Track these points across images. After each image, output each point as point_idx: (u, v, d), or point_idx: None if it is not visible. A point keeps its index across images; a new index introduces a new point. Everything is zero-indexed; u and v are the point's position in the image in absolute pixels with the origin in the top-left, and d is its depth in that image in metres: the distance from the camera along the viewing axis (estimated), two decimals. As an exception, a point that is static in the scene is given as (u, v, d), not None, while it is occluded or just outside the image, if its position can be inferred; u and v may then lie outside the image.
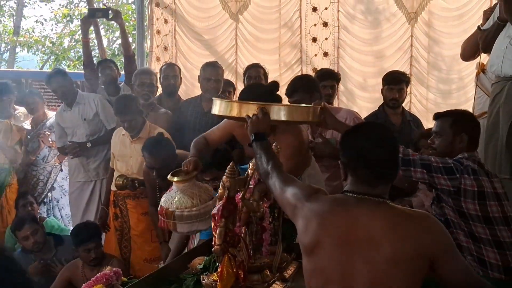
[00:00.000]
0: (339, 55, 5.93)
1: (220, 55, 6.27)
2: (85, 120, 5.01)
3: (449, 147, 2.93)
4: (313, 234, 2.03)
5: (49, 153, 5.66)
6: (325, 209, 2.05)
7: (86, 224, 4.30)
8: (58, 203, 5.81)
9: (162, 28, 6.55)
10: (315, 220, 2.03)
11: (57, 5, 16.90)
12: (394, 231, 1.95)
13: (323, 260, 2.01)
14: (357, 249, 1.96)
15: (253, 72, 4.97)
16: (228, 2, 6.26)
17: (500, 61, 3.66)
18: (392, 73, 4.86)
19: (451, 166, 2.77)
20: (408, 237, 1.95)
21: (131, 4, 14.06)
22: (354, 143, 2.10)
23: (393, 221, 1.98)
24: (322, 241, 2.01)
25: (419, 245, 1.95)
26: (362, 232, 1.96)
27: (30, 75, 9.43)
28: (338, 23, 5.94)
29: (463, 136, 2.92)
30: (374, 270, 1.95)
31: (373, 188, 2.04)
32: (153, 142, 3.85)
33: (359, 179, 2.07)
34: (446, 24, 5.69)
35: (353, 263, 1.96)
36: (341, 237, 1.99)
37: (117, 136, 4.47)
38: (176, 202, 2.97)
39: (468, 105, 5.22)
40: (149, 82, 4.76)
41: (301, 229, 2.10)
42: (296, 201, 2.14)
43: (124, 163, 4.38)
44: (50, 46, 15.88)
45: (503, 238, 2.76)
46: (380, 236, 1.95)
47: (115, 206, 4.45)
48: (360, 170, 2.06)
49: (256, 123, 2.62)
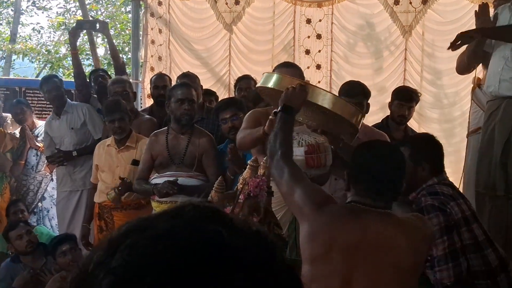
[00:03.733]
0: (332, 68, 5.94)
1: (214, 66, 6.28)
2: (73, 129, 5.00)
3: (412, 179, 2.76)
4: (322, 245, 2.10)
5: (39, 162, 5.63)
6: (335, 220, 2.13)
7: (66, 235, 4.29)
8: (48, 213, 5.77)
9: (156, 38, 6.55)
10: (325, 232, 2.11)
11: (54, 13, 16.84)
12: (399, 240, 2.08)
13: (327, 267, 2.08)
14: (363, 255, 2.06)
15: (244, 84, 4.96)
16: (222, 13, 6.27)
17: (497, 82, 3.67)
18: (405, 89, 4.76)
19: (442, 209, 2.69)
20: (411, 247, 2.08)
21: (128, 14, 14.09)
22: (361, 158, 2.21)
23: (399, 231, 2.10)
24: (330, 250, 2.08)
25: (419, 253, 2.12)
26: (371, 240, 2.06)
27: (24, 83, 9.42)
28: (331, 35, 5.95)
29: (424, 165, 2.83)
30: (377, 275, 2.05)
31: (374, 201, 2.13)
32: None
33: (359, 192, 2.16)
34: (440, 38, 5.70)
35: (357, 268, 2.05)
36: (349, 245, 2.07)
37: (101, 148, 4.43)
38: (316, 137, 2.95)
39: (463, 119, 5.22)
40: (122, 90, 4.74)
41: (307, 236, 2.15)
42: (305, 206, 2.17)
43: (110, 173, 4.34)
44: (46, 54, 15.87)
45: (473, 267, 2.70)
46: (387, 244, 2.07)
47: (99, 219, 4.39)
48: (361, 184, 2.16)
49: (291, 95, 2.56)
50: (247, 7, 6.17)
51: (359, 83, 4.03)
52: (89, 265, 0.68)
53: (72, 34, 5.51)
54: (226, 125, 3.85)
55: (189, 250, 0.65)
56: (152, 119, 4.77)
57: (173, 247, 0.65)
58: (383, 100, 5.38)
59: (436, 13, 5.73)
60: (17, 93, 7.41)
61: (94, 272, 0.66)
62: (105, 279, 0.64)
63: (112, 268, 0.65)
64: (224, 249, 0.66)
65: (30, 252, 4.41)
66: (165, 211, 0.73)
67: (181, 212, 0.71)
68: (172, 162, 3.86)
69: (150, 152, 3.94)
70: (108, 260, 0.66)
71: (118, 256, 0.65)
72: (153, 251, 0.65)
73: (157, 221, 0.70)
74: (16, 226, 4.47)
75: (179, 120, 3.86)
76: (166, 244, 0.66)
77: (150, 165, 3.96)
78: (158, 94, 5.06)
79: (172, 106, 3.87)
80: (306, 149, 2.92)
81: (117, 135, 4.27)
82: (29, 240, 4.40)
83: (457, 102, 5.69)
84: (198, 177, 3.84)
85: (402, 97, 4.52)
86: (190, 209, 0.72)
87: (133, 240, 0.67)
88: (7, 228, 4.55)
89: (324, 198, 2.21)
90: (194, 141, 3.88)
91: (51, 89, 5.03)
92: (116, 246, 0.67)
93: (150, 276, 0.63)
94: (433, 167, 2.85)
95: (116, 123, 4.20)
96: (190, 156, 3.84)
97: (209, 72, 6.36)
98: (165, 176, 3.79)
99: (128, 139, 4.29)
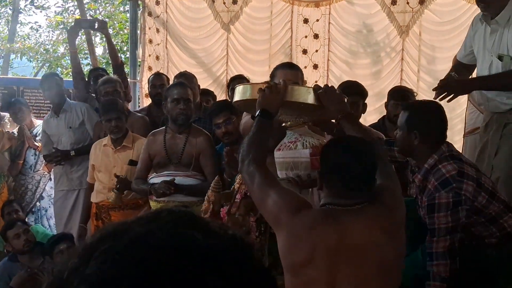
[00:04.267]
0: (329, 68, 5.95)
1: (211, 65, 6.28)
2: (71, 128, 5.00)
3: (405, 142, 2.80)
4: (303, 251, 2.03)
5: (37, 161, 5.63)
6: (313, 225, 2.04)
7: (64, 234, 4.29)
8: (46, 213, 5.76)
9: (154, 37, 6.55)
10: (305, 238, 2.03)
11: (52, 13, 16.82)
12: (379, 238, 2.04)
13: (310, 273, 2.02)
14: (345, 259, 2.01)
15: (237, 84, 4.96)
16: (220, 12, 6.27)
17: (486, 101, 3.68)
18: (400, 89, 4.75)
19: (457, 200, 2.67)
20: (391, 240, 2.06)
21: (126, 13, 14.07)
22: (332, 156, 2.15)
23: (377, 227, 2.06)
24: (311, 257, 2.01)
25: (400, 240, 2.09)
26: (350, 242, 2.00)
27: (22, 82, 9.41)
28: (329, 35, 5.96)
29: (416, 133, 2.78)
30: (360, 277, 2.01)
31: (347, 199, 2.08)
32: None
33: (332, 191, 2.11)
34: (437, 38, 5.71)
35: (340, 270, 2.00)
36: (330, 249, 2.01)
37: (97, 148, 4.43)
38: (319, 138, 2.96)
39: (460, 120, 5.23)
40: (113, 90, 4.74)
41: (286, 245, 2.07)
42: (280, 213, 2.09)
43: (107, 173, 4.35)
44: (44, 53, 15.86)
45: None
46: (367, 244, 2.02)
47: (97, 219, 4.39)
48: (334, 183, 2.10)
49: (262, 98, 2.47)
50: (244, 6, 6.18)
51: (356, 83, 4.06)
52: (64, 272, 0.67)
53: (71, 33, 5.51)
54: (220, 130, 3.83)
55: (163, 254, 0.64)
56: (144, 117, 4.78)
57: (147, 252, 0.64)
58: (380, 100, 5.39)
59: (433, 13, 5.73)
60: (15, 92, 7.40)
61: (68, 279, 0.66)
62: (80, 286, 0.64)
63: (86, 275, 0.64)
64: (198, 251, 0.65)
65: (27, 251, 4.41)
66: (141, 216, 0.73)
67: (156, 217, 0.71)
68: (170, 161, 3.87)
69: (148, 151, 3.96)
70: (82, 268, 0.65)
71: (92, 263, 0.65)
72: (127, 256, 0.64)
73: (132, 226, 0.70)
74: (14, 225, 4.47)
75: (175, 120, 3.87)
76: (140, 249, 0.65)
77: (148, 165, 3.98)
78: (155, 93, 5.07)
79: (168, 106, 3.88)
80: (311, 151, 2.91)
81: (113, 134, 4.27)
82: (27, 239, 4.40)
83: (453, 103, 5.68)
84: (196, 176, 3.85)
85: (398, 97, 4.51)
86: (166, 214, 0.72)
87: (107, 246, 0.66)
88: (5, 227, 4.56)
89: (300, 202, 2.13)
90: (192, 140, 3.89)
91: (51, 87, 5.04)
92: (90, 252, 0.67)
93: (125, 283, 0.62)
94: (426, 138, 2.77)
95: (113, 122, 4.21)
96: (187, 156, 3.85)
97: (206, 71, 6.37)
98: (163, 176, 3.80)
99: (125, 139, 4.30)
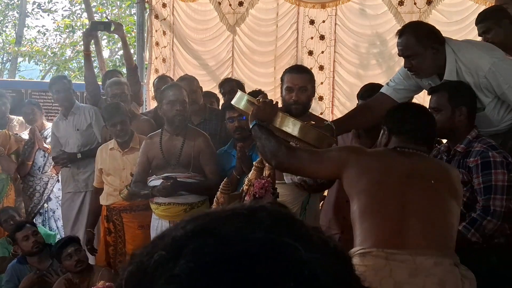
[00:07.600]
0: (335, 69, 5.94)
1: (217, 67, 6.29)
2: (78, 130, 5.01)
3: (449, 121, 2.89)
4: (376, 174, 2.31)
5: (45, 163, 5.65)
6: (385, 156, 2.40)
7: (70, 237, 4.29)
8: (54, 214, 5.78)
9: (160, 40, 6.57)
10: (377, 165, 2.33)
11: (59, 16, 16.89)
12: (449, 172, 2.42)
13: (382, 193, 2.28)
14: (417, 182, 2.28)
15: (227, 87, 4.98)
16: (226, 14, 6.27)
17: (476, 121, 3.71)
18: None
19: None
20: (458, 179, 2.45)
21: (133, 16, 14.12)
22: (402, 114, 2.51)
23: (443, 168, 2.47)
24: (383, 180, 2.29)
25: (459, 188, 2.41)
26: (423, 171, 2.32)
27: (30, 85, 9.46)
28: (335, 36, 5.95)
29: (462, 108, 2.89)
30: (432, 200, 2.28)
31: (417, 145, 2.39)
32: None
33: (403, 139, 2.40)
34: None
35: (411, 193, 2.26)
36: (402, 175, 2.29)
37: (104, 152, 4.43)
38: None
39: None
40: (120, 92, 4.75)
41: (356, 173, 2.32)
42: (348, 155, 2.37)
43: (117, 177, 4.36)
44: (52, 56, 15.93)
45: None
46: (439, 174, 2.36)
47: (108, 221, 4.38)
48: (404, 134, 2.41)
49: (256, 112, 2.57)
50: (250, 8, 6.18)
51: (377, 84, 4.01)
52: (148, 263, 0.63)
53: (87, 35, 5.51)
54: (232, 124, 3.78)
55: (263, 264, 0.59)
56: (149, 120, 4.77)
57: (244, 258, 0.60)
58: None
59: (440, 13, 5.71)
60: (23, 95, 7.44)
61: (154, 273, 0.62)
62: (167, 285, 0.60)
63: (175, 275, 0.60)
64: (302, 267, 0.60)
65: (36, 253, 4.43)
66: (234, 211, 0.67)
67: (253, 217, 0.65)
68: (167, 163, 3.88)
69: (146, 154, 3.99)
70: (171, 264, 0.61)
71: (182, 262, 0.61)
72: (221, 260, 0.60)
73: (226, 222, 0.64)
74: (23, 227, 4.48)
75: (172, 122, 3.86)
76: (236, 254, 0.60)
77: (147, 168, 4.02)
78: None
79: (164, 108, 3.88)
80: None
81: (119, 138, 4.27)
82: (36, 241, 4.42)
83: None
84: (196, 177, 3.86)
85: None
86: (264, 215, 0.65)
87: (199, 244, 0.62)
88: (14, 229, 4.58)
89: (359, 146, 2.53)
90: (189, 141, 3.88)
91: (60, 89, 5.07)
92: (180, 247, 0.62)
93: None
94: (473, 111, 2.95)
95: (118, 126, 4.22)
96: (185, 157, 3.86)
97: (211, 73, 6.37)
98: (162, 178, 3.82)
99: (132, 141, 4.31)
